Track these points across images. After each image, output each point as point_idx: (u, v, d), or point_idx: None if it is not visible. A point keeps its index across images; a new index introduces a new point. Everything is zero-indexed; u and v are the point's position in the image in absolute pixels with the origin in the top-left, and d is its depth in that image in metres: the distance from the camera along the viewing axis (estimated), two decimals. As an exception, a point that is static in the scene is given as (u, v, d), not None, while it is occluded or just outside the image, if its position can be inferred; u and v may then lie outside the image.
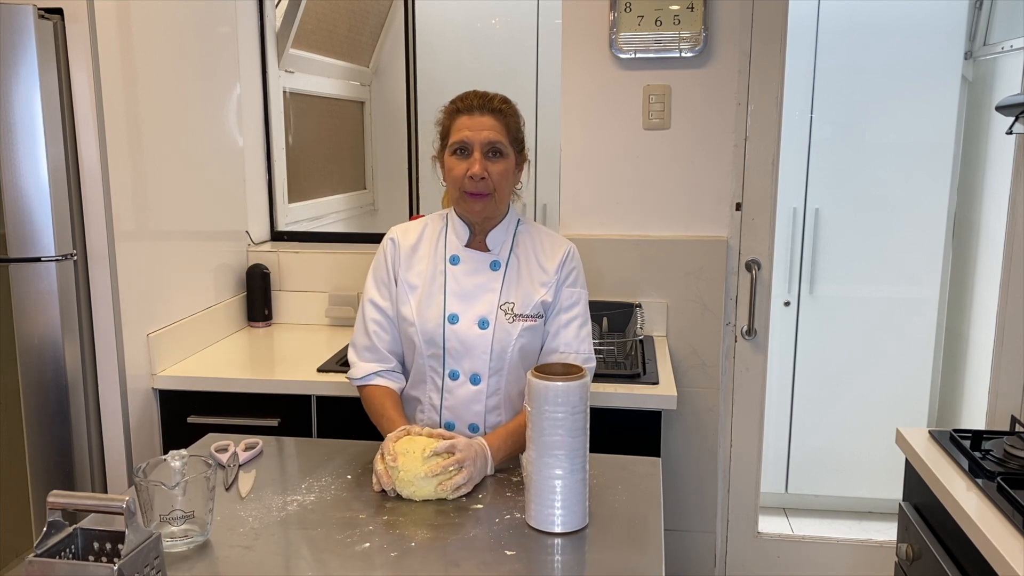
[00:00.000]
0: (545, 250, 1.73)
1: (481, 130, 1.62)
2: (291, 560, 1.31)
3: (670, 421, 2.55)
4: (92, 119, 1.95)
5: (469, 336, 1.67)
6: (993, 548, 1.32)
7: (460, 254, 1.71)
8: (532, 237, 1.75)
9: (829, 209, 3.09)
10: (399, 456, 1.48)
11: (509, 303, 1.68)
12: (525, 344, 1.69)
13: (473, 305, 1.68)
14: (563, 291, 1.71)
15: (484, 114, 1.63)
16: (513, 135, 1.66)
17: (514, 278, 1.70)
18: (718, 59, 2.46)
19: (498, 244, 1.72)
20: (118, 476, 2.09)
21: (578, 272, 1.75)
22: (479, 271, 1.70)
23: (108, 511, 1.09)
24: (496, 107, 1.65)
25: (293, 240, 2.91)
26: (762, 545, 2.75)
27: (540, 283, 1.70)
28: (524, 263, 1.72)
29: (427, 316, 1.68)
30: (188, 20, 2.37)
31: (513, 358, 1.69)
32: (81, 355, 2.01)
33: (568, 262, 1.73)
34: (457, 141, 1.63)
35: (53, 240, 1.91)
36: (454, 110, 1.66)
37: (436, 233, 1.75)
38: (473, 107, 1.64)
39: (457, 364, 1.69)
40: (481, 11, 3.56)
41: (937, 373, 3.17)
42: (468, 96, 1.66)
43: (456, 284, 1.69)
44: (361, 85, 3.60)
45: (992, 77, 3.02)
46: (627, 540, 1.36)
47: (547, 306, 1.71)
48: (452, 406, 1.71)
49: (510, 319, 1.68)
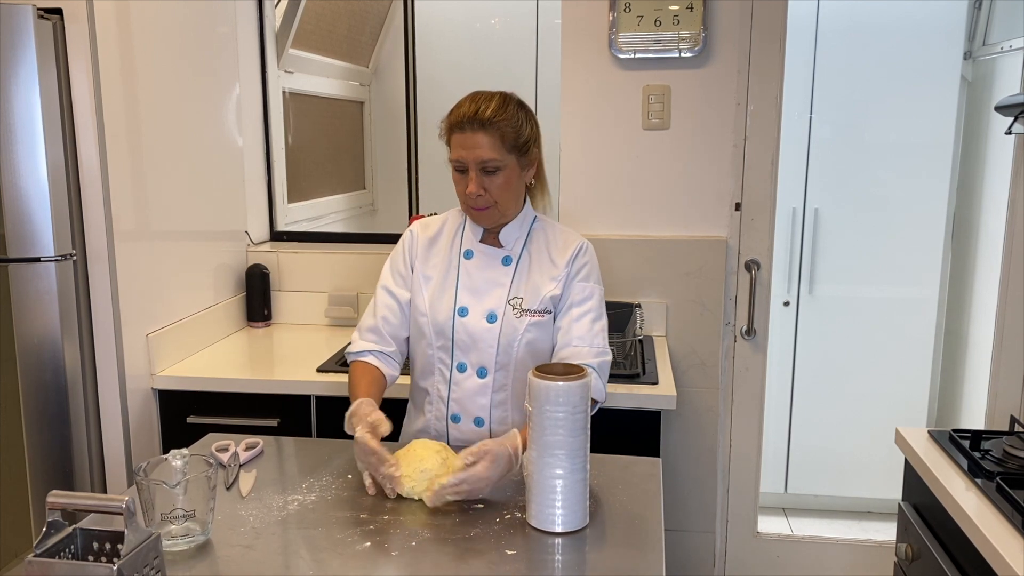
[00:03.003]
0: (557, 245, 1.74)
1: (474, 149, 1.61)
2: (291, 560, 1.31)
3: (670, 421, 2.55)
4: (92, 119, 1.95)
5: (477, 329, 1.69)
6: (992, 548, 1.32)
7: (474, 248, 1.74)
8: (546, 233, 1.75)
9: (829, 209, 3.09)
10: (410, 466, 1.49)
11: (518, 298, 1.70)
12: (532, 339, 1.69)
13: (483, 299, 1.70)
14: (575, 286, 1.70)
15: (476, 131, 1.60)
16: (510, 143, 1.62)
17: (524, 273, 1.72)
18: (717, 59, 2.46)
19: (511, 240, 1.73)
20: (118, 476, 2.09)
21: (591, 267, 1.73)
22: (491, 266, 1.72)
23: (107, 511, 1.09)
24: (488, 119, 1.60)
25: (292, 240, 2.91)
26: (762, 545, 2.75)
27: (550, 277, 1.71)
28: (536, 258, 1.73)
29: (439, 308, 1.70)
30: (188, 20, 2.37)
31: (520, 353, 1.69)
32: (81, 355, 2.01)
33: (580, 257, 1.72)
34: (455, 160, 1.65)
35: (52, 240, 1.91)
36: (450, 125, 1.65)
37: (455, 228, 1.78)
38: (464, 123, 1.61)
39: (465, 357, 1.70)
40: (481, 11, 3.56)
41: (936, 373, 3.17)
42: (462, 109, 1.63)
43: (468, 278, 1.72)
44: (360, 85, 3.60)
45: (991, 77, 3.02)
46: (627, 540, 1.36)
47: (556, 300, 1.70)
48: (459, 398, 1.72)
49: (517, 314, 1.69)
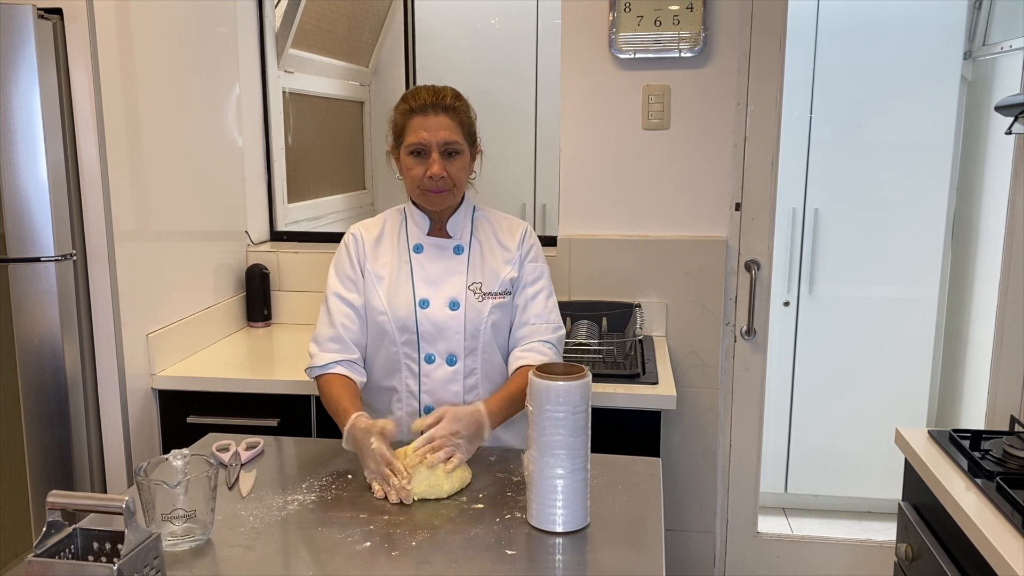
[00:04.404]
0: (503, 230, 1.80)
1: (437, 130, 1.65)
2: (291, 560, 1.31)
3: (670, 421, 2.55)
4: (91, 119, 1.95)
5: (441, 318, 1.71)
6: (992, 548, 1.32)
7: (423, 242, 1.76)
8: (490, 221, 1.81)
9: (828, 209, 3.09)
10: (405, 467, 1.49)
11: (477, 283, 1.74)
12: (496, 321, 1.74)
13: (441, 289, 1.73)
14: (526, 266, 1.78)
15: (439, 113, 1.66)
16: (467, 130, 1.70)
17: (478, 259, 1.76)
18: (717, 59, 2.46)
19: (458, 230, 1.77)
20: (117, 476, 2.09)
21: (537, 248, 1.81)
22: (443, 256, 1.75)
23: (107, 511, 1.09)
24: (449, 104, 1.67)
25: (292, 240, 2.91)
26: (761, 545, 2.75)
27: (504, 261, 1.76)
28: (486, 245, 1.78)
29: (397, 303, 1.72)
30: (188, 20, 2.37)
31: (486, 336, 1.73)
32: (80, 355, 2.01)
33: (527, 238, 1.80)
34: (414, 143, 1.66)
35: (52, 240, 1.91)
36: (407, 110, 1.68)
37: (396, 226, 1.80)
38: (427, 107, 1.66)
39: (432, 347, 1.72)
40: (481, 11, 3.56)
41: (936, 373, 3.17)
42: (420, 94, 1.68)
43: (423, 271, 1.74)
44: (360, 85, 3.60)
45: (991, 77, 3.02)
46: (627, 540, 1.36)
47: (515, 282, 1.76)
48: (431, 389, 1.73)
49: (479, 298, 1.73)
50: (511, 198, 3.55)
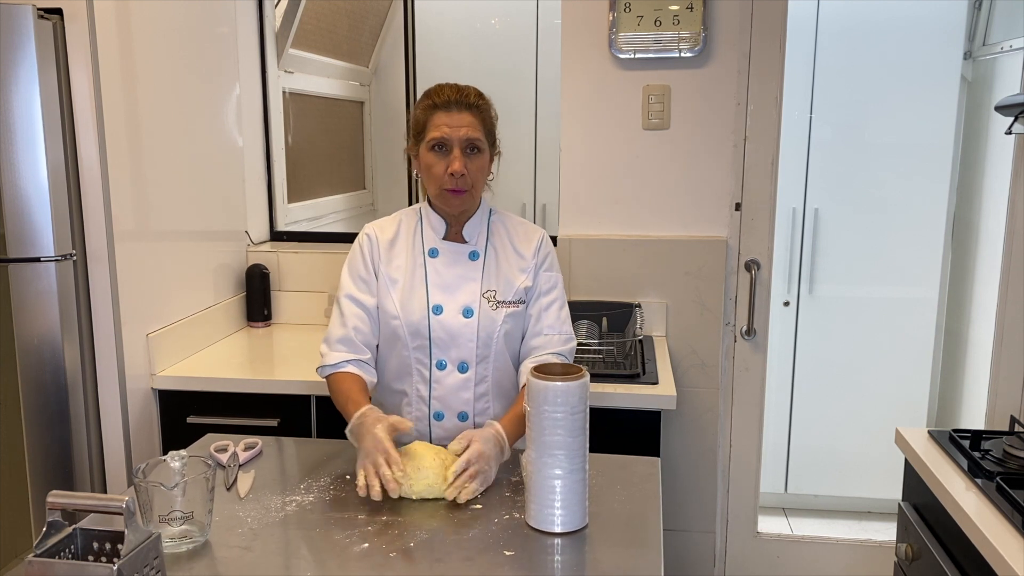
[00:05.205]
0: (519, 237, 1.77)
1: (460, 127, 1.63)
2: (290, 560, 1.31)
3: (669, 421, 2.55)
4: (91, 119, 1.95)
5: (454, 325, 1.69)
6: (992, 548, 1.32)
7: (438, 247, 1.74)
8: (506, 226, 1.78)
9: (828, 209, 3.09)
10: (407, 465, 1.48)
11: (491, 291, 1.71)
12: (509, 330, 1.72)
13: (456, 295, 1.70)
14: (541, 275, 1.75)
15: (462, 110, 1.64)
16: (488, 129, 1.68)
17: (493, 266, 1.74)
18: (717, 59, 2.46)
19: (474, 235, 1.75)
20: (118, 476, 2.09)
21: (552, 257, 1.79)
22: (458, 262, 1.73)
23: (107, 511, 1.10)
24: (473, 102, 1.66)
25: (292, 240, 2.91)
26: (761, 545, 2.75)
27: (519, 269, 1.74)
28: (501, 251, 1.75)
29: (411, 308, 1.69)
30: (188, 20, 2.37)
31: (499, 344, 1.71)
32: (80, 355, 2.01)
33: (543, 247, 1.77)
34: (436, 138, 1.63)
35: (52, 240, 1.91)
36: (430, 105, 1.66)
37: (412, 228, 1.77)
38: (451, 103, 1.64)
39: (444, 354, 1.70)
40: (481, 11, 3.56)
41: (936, 373, 3.17)
42: (444, 91, 1.66)
43: (437, 276, 1.72)
44: (360, 85, 3.60)
45: (991, 77, 3.02)
46: (627, 540, 1.36)
47: (529, 291, 1.74)
48: (441, 396, 1.72)
49: (493, 306, 1.70)
50: (511, 198, 3.54)
